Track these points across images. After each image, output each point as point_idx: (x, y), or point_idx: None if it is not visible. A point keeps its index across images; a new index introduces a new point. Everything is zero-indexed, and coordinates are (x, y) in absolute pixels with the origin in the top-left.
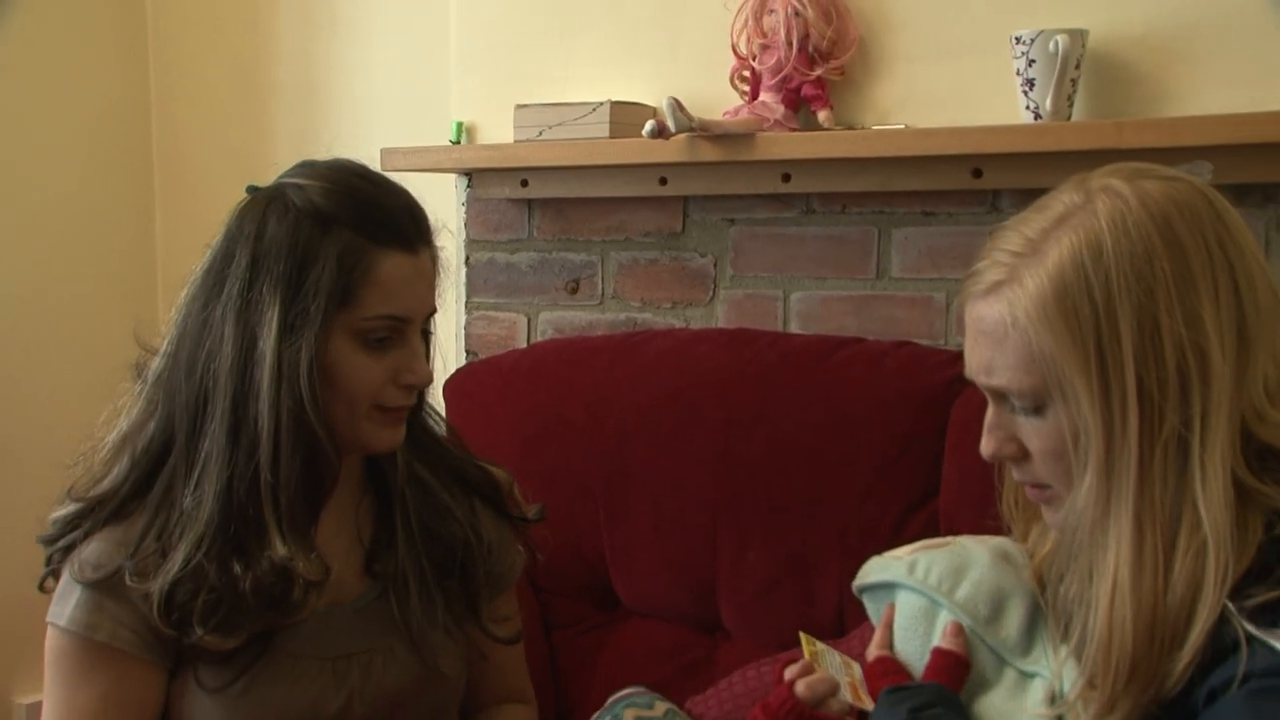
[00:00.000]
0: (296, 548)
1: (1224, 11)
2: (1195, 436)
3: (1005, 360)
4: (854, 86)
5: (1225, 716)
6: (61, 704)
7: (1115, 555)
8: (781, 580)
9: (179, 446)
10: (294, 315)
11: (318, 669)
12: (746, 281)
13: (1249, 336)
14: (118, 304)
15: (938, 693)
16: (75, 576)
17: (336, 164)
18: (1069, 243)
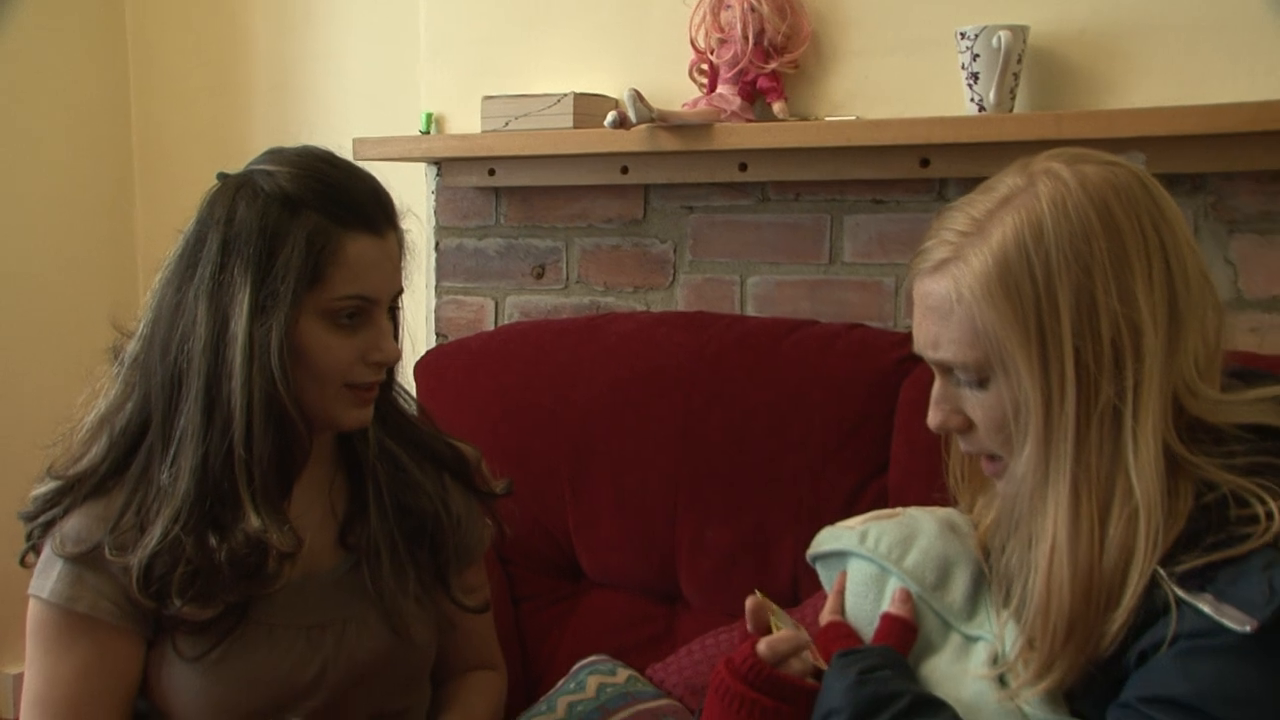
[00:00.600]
0: (270, 520)
1: (1157, 10)
2: (1128, 408)
3: (951, 335)
4: (807, 79)
5: (1156, 675)
6: (44, 674)
7: (1053, 521)
8: (738, 553)
9: (155, 425)
10: (264, 296)
11: (292, 637)
12: (705, 266)
13: (1180, 315)
14: (98, 290)
15: (887, 655)
16: (56, 551)
17: (304, 151)
18: (1012, 223)
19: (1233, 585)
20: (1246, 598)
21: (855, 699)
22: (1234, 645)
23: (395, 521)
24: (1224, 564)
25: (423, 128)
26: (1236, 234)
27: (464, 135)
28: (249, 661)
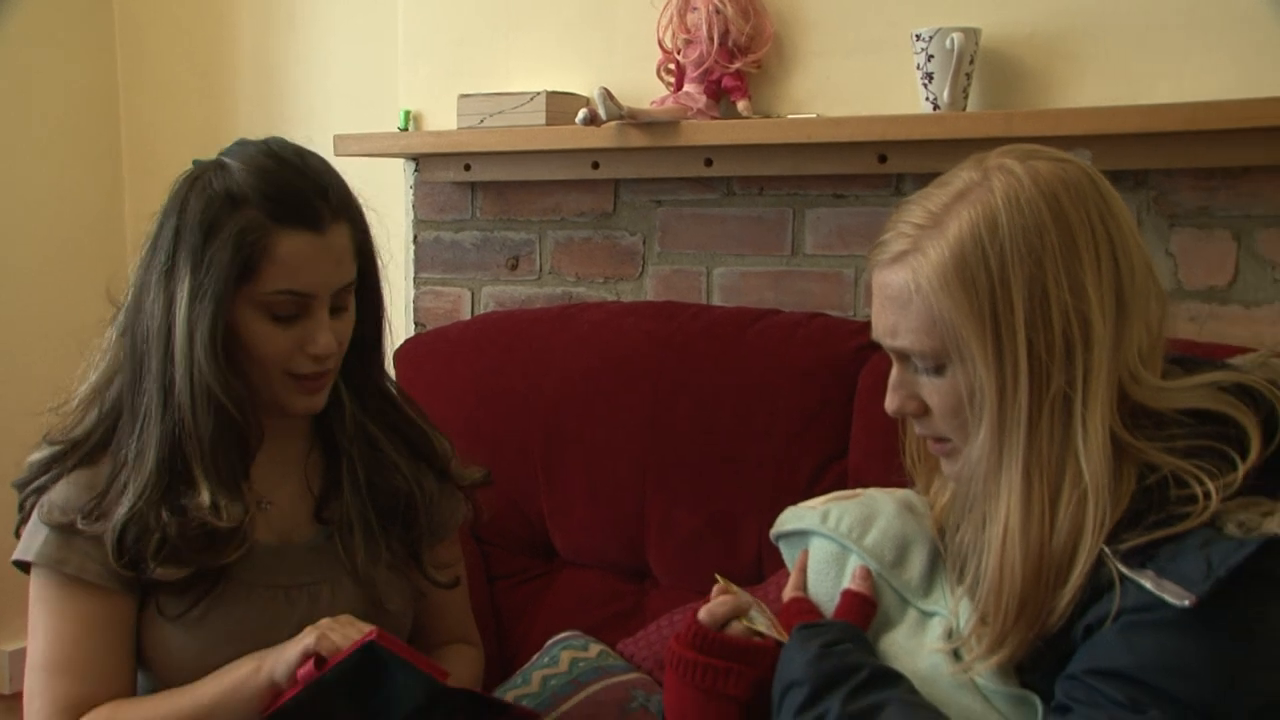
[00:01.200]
0: (221, 496)
1: (1102, 14)
2: (1078, 396)
3: (909, 324)
4: (770, 79)
5: (1101, 648)
6: (44, 635)
7: (1006, 504)
8: (705, 533)
9: (127, 400)
10: (197, 285)
11: (269, 596)
12: (672, 258)
13: (1126, 305)
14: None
15: (847, 630)
16: (43, 518)
17: (262, 146)
18: (968, 217)
19: (1173, 562)
20: (1185, 574)
21: (817, 671)
22: (1174, 619)
23: (368, 499)
24: (1164, 542)
25: (401, 125)
26: (1177, 228)
27: (441, 132)
28: (228, 618)
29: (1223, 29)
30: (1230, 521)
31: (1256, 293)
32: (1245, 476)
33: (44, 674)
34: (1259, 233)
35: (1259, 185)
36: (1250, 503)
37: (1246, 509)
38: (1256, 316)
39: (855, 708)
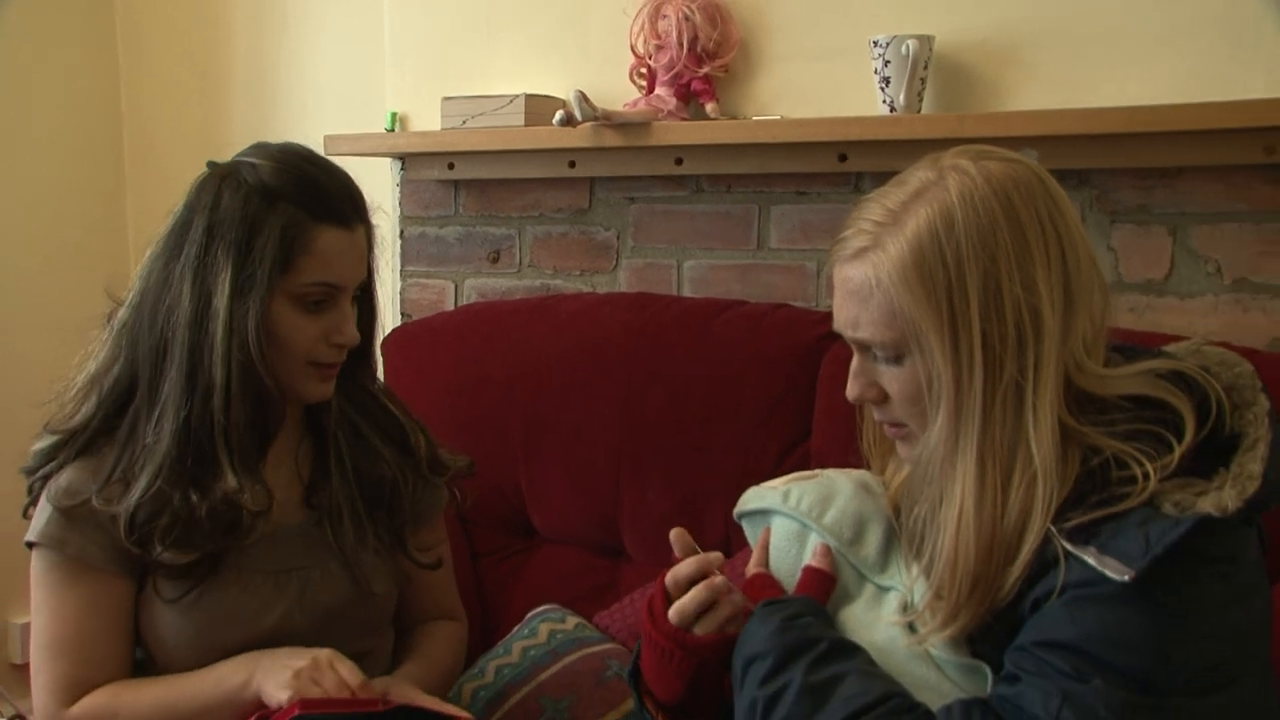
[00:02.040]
0: (245, 480)
1: (1048, 24)
2: (1029, 384)
3: (869, 316)
4: (737, 82)
5: (1048, 621)
6: (47, 614)
7: (961, 486)
8: (675, 512)
9: (142, 389)
10: (243, 279)
11: (261, 581)
12: (645, 252)
13: (1073, 297)
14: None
15: (808, 604)
16: (51, 501)
17: (287, 147)
18: (925, 214)
19: (1114, 540)
20: (1125, 551)
21: (779, 644)
22: (1115, 593)
23: (355, 485)
24: (1106, 521)
25: (388, 126)
26: (1117, 224)
27: (425, 132)
28: (222, 602)
29: (1161, 39)
30: (1167, 501)
31: (1191, 285)
32: (1181, 459)
33: (46, 653)
34: (1193, 229)
35: (1193, 185)
36: (1185, 483)
37: (1182, 489)
38: (1191, 307)
39: (816, 678)
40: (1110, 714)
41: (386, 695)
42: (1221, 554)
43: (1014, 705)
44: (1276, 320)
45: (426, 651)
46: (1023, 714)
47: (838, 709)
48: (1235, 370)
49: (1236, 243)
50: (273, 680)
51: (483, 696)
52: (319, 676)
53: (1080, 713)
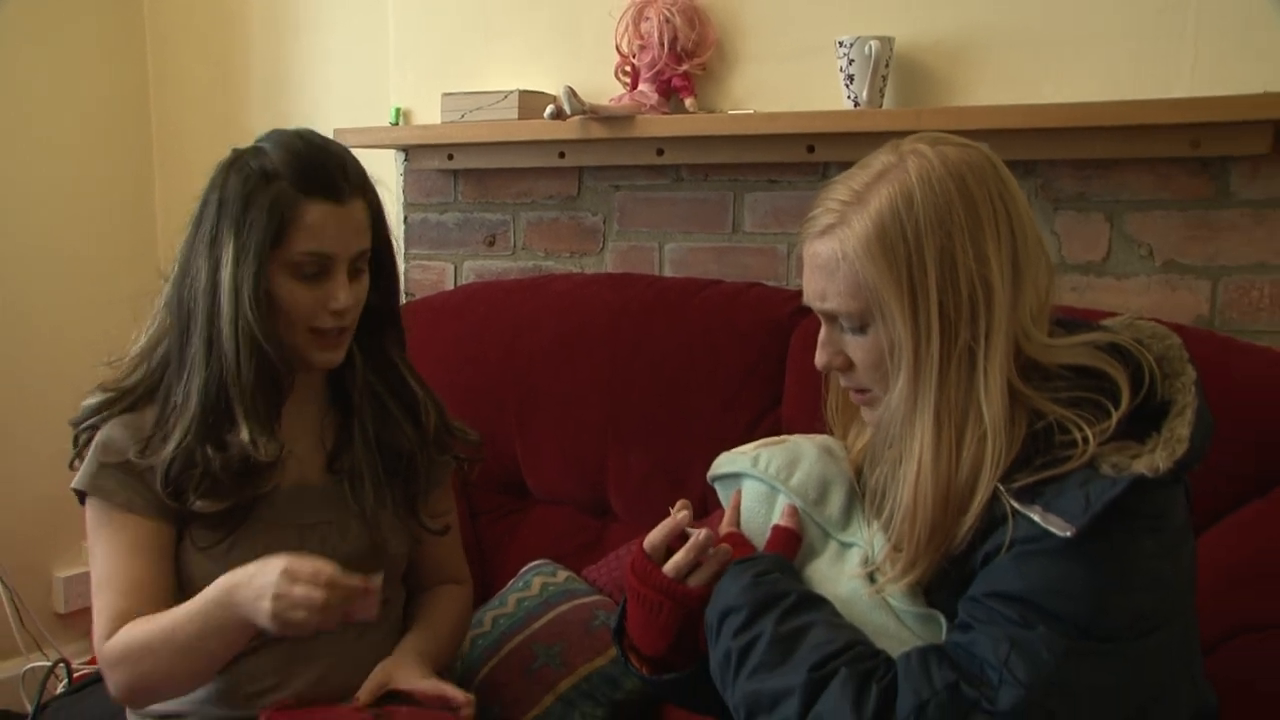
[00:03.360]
0: (258, 433)
1: (999, 27)
2: (981, 349)
3: (836, 288)
4: (713, 79)
5: (997, 574)
6: (102, 558)
7: (920, 442)
8: (657, 475)
9: (174, 355)
10: (240, 248)
11: (287, 533)
12: (629, 235)
13: (1020, 272)
14: (124, 252)
15: (777, 561)
16: (98, 456)
17: (292, 132)
18: (887, 194)
19: (1057, 498)
20: (1067, 508)
21: (751, 598)
22: (1058, 548)
23: (377, 452)
24: (1050, 481)
25: (392, 120)
26: (1060, 211)
27: (427, 126)
28: (251, 551)
29: (1098, 41)
30: (1105, 463)
31: (1126, 266)
32: (1118, 424)
33: (100, 590)
34: (1128, 215)
35: (1127, 175)
36: (1122, 446)
37: (1118, 452)
38: (1126, 287)
39: (785, 629)
40: (1053, 658)
41: (387, 687)
42: (1153, 511)
43: (967, 651)
44: (1201, 298)
45: (431, 621)
46: (974, 659)
47: (806, 656)
48: (1165, 343)
49: (1166, 228)
50: (255, 584)
51: (481, 645)
52: (294, 586)
53: (1026, 657)
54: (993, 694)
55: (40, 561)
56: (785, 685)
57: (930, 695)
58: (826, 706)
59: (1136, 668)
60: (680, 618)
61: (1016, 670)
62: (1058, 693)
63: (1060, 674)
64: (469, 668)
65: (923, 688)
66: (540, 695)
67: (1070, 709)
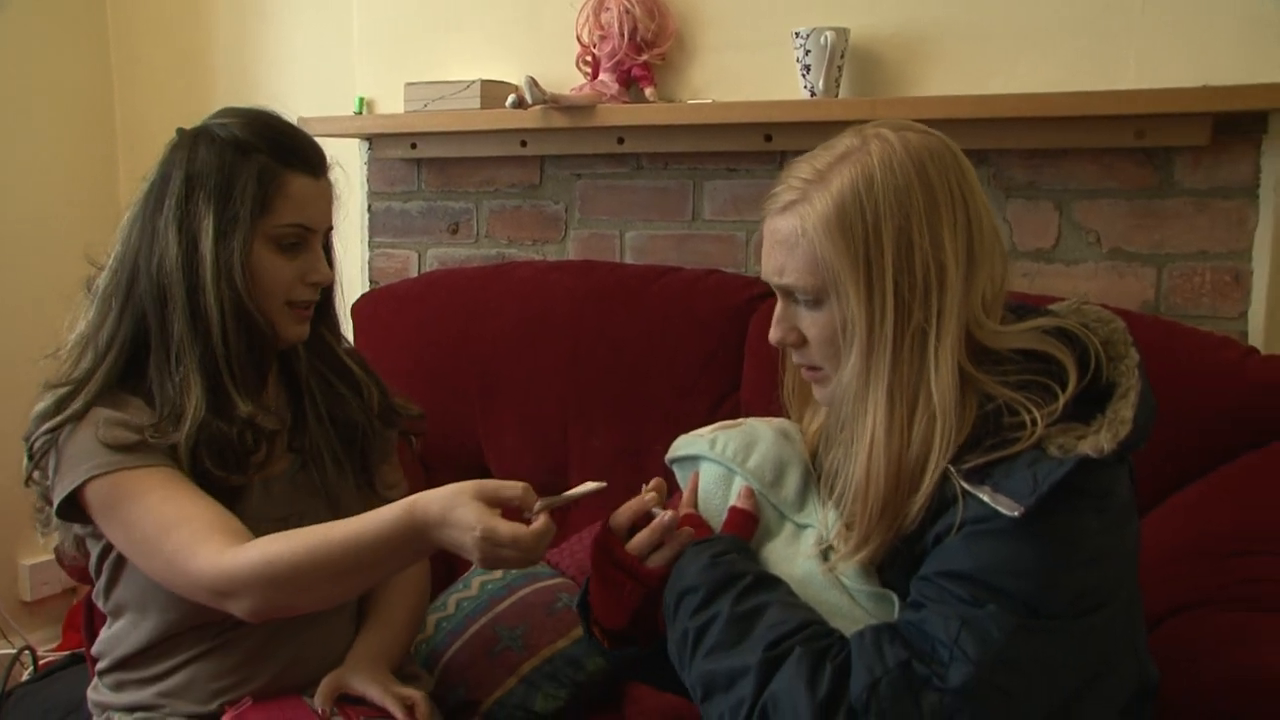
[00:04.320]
0: (254, 406)
1: (950, 20)
2: (933, 331)
3: (795, 264)
4: (673, 69)
5: (948, 553)
6: (152, 504)
7: (872, 419)
8: (617, 457)
9: (155, 337)
10: (224, 222)
11: (266, 529)
12: (591, 223)
13: (975, 259)
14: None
15: (733, 542)
16: (103, 439)
17: (252, 108)
18: (848, 174)
19: (1006, 479)
20: (1016, 489)
21: (709, 578)
22: (1007, 527)
23: (330, 428)
24: (999, 462)
25: (356, 109)
26: (1011, 199)
27: (390, 115)
28: None
29: (1047, 34)
30: (1052, 444)
31: (1074, 253)
32: (1065, 406)
33: (171, 530)
34: (1076, 204)
35: (1075, 164)
36: (1067, 428)
37: (1065, 434)
38: (1075, 273)
39: (742, 609)
40: (1002, 635)
41: (340, 692)
42: (1098, 490)
43: (918, 630)
44: (1147, 284)
45: (383, 614)
46: (926, 637)
47: (762, 636)
48: (1110, 326)
49: (1112, 216)
50: (464, 541)
51: (445, 628)
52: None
53: (976, 635)
54: (944, 671)
55: (5, 549)
56: (741, 664)
57: (883, 673)
58: (781, 685)
59: (1083, 643)
60: (640, 596)
61: (967, 647)
62: (1006, 669)
63: (1009, 650)
64: (433, 650)
65: (875, 665)
66: (503, 677)
67: (1019, 684)
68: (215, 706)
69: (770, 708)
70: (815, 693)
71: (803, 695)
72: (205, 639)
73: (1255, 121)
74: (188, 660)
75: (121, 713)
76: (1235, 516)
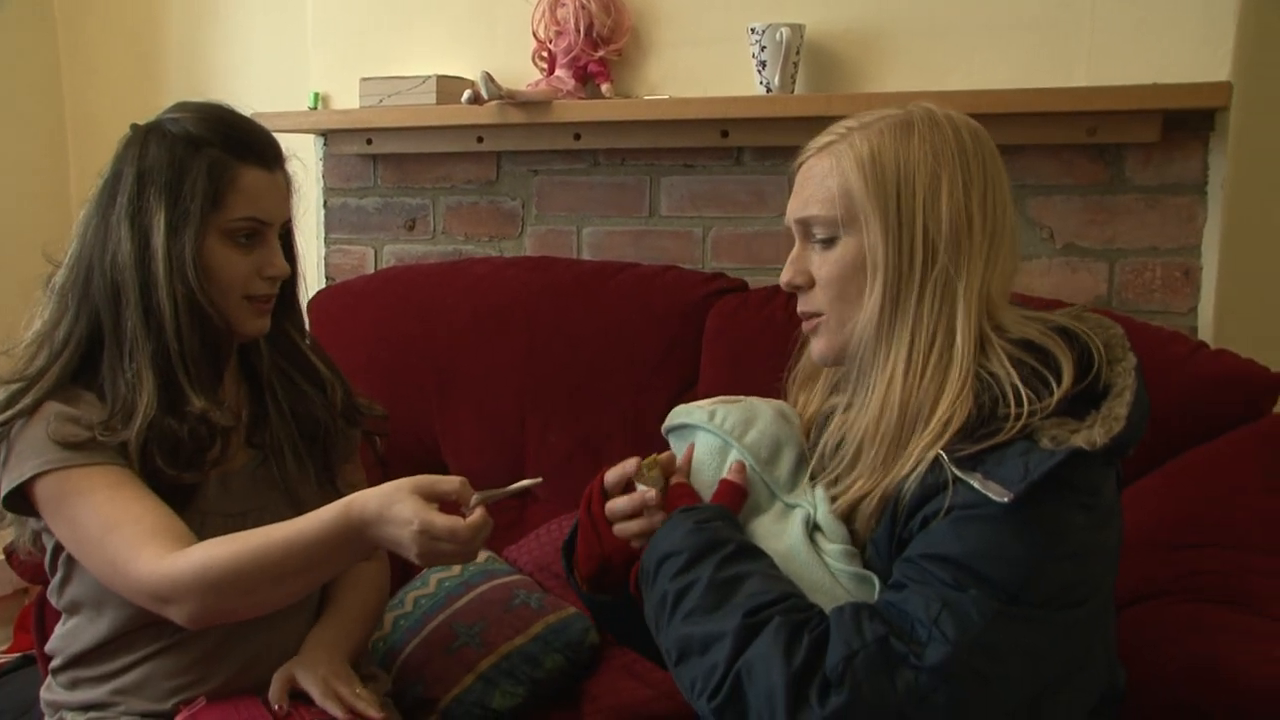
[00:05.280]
0: (208, 401)
1: (906, 16)
2: (960, 278)
3: (821, 195)
4: (629, 65)
5: (934, 537)
6: (96, 503)
7: (893, 361)
8: (576, 454)
9: (108, 334)
10: (176, 217)
11: (220, 523)
12: (548, 219)
13: (997, 242)
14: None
15: (720, 511)
16: (53, 435)
17: (206, 102)
18: (889, 125)
19: (998, 467)
20: (1006, 476)
21: (692, 543)
22: (995, 514)
23: (292, 423)
24: (991, 450)
25: (311, 104)
26: None
27: (346, 110)
28: None
29: (1003, 31)
30: (1045, 436)
31: (1029, 249)
32: (1059, 401)
33: (112, 530)
34: (1031, 200)
35: (1030, 161)
36: (1061, 422)
37: (1058, 427)
38: (1029, 269)
39: (723, 575)
40: (982, 620)
41: (290, 685)
42: (1087, 487)
43: (899, 609)
44: (1100, 280)
45: (339, 607)
46: (906, 617)
47: (741, 603)
48: (1109, 332)
49: (1065, 212)
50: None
51: (403, 625)
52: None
53: (956, 617)
54: (921, 650)
55: None
56: (719, 629)
57: (860, 647)
58: (757, 652)
59: (1061, 636)
60: (597, 557)
61: (945, 628)
62: (984, 653)
63: (987, 635)
64: (392, 648)
65: (853, 639)
66: (461, 674)
67: (995, 670)
68: (170, 705)
69: (745, 674)
70: (791, 662)
71: (778, 664)
72: (162, 636)
73: (1203, 119)
74: (143, 658)
75: (75, 711)
76: (1184, 510)
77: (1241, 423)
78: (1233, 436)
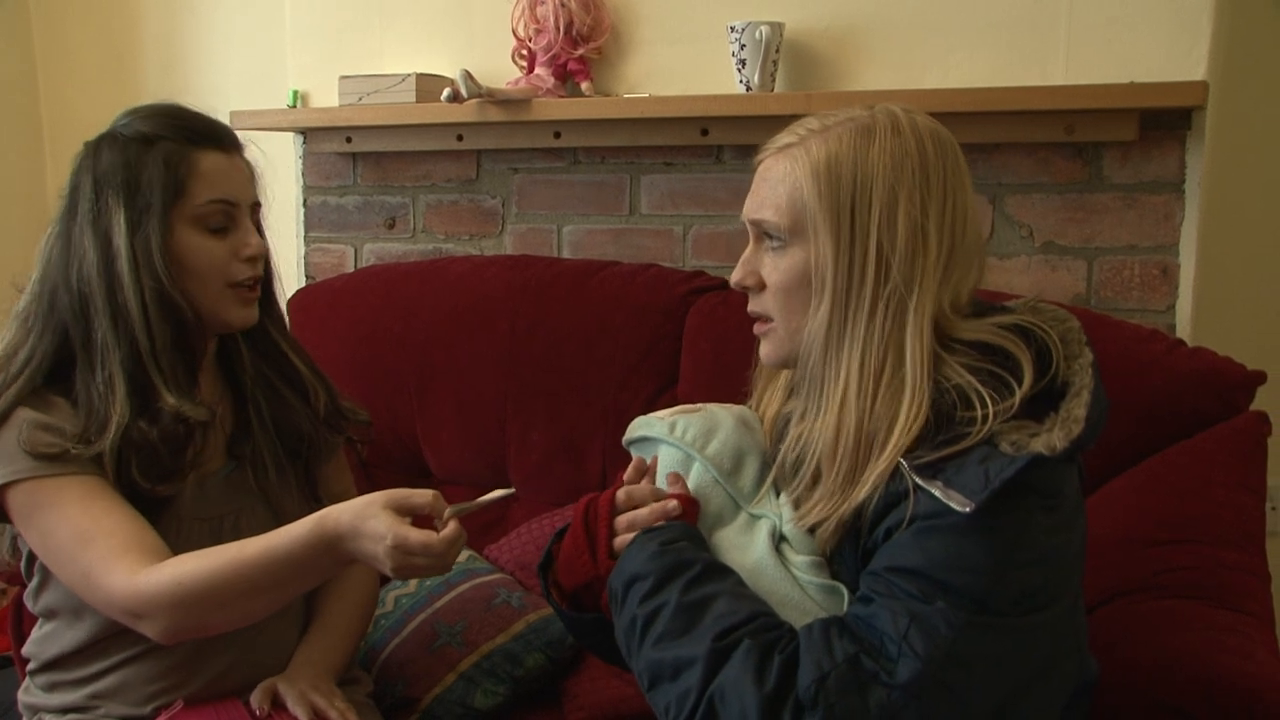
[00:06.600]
0: (182, 397)
1: (885, 15)
2: (913, 299)
3: (775, 199)
4: (609, 63)
5: (898, 549)
6: (68, 515)
7: (844, 379)
8: (557, 452)
9: (79, 346)
10: (136, 213)
11: (197, 527)
12: (528, 218)
13: (955, 252)
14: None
15: (684, 530)
16: (25, 444)
17: (156, 103)
18: (850, 131)
19: (958, 475)
20: (967, 485)
21: (658, 566)
22: (957, 524)
23: (275, 436)
24: (951, 458)
25: (290, 102)
26: None
27: (325, 109)
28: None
29: (980, 30)
30: (1005, 441)
31: (1007, 247)
32: (1020, 404)
33: (85, 545)
34: (1009, 198)
35: (1008, 159)
36: (1020, 425)
37: (1018, 430)
38: (1008, 266)
39: (691, 598)
40: (951, 631)
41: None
42: (1048, 489)
43: (867, 624)
44: (1078, 278)
45: (327, 620)
46: (875, 632)
47: (710, 626)
48: (1065, 325)
49: (1044, 210)
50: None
51: (385, 624)
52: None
53: (925, 632)
54: (891, 667)
55: None
56: (689, 654)
57: (831, 668)
58: (729, 677)
59: (1029, 641)
60: (592, 572)
61: (915, 644)
62: (954, 666)
63: (957, 647)
64: (373, 647)
65: (824, 660)
66: (443, 673)
67: (965, 681)
68: (149, 710)
69: (717, 699)
70: (763, 686)
71: (750, 688)
72: (141, 640)
73: (1180, 118)
74: (121, 662)
75: (53, 714)
76: (1162, 506)
77: (1219, 419)
78: (1210, 433)
